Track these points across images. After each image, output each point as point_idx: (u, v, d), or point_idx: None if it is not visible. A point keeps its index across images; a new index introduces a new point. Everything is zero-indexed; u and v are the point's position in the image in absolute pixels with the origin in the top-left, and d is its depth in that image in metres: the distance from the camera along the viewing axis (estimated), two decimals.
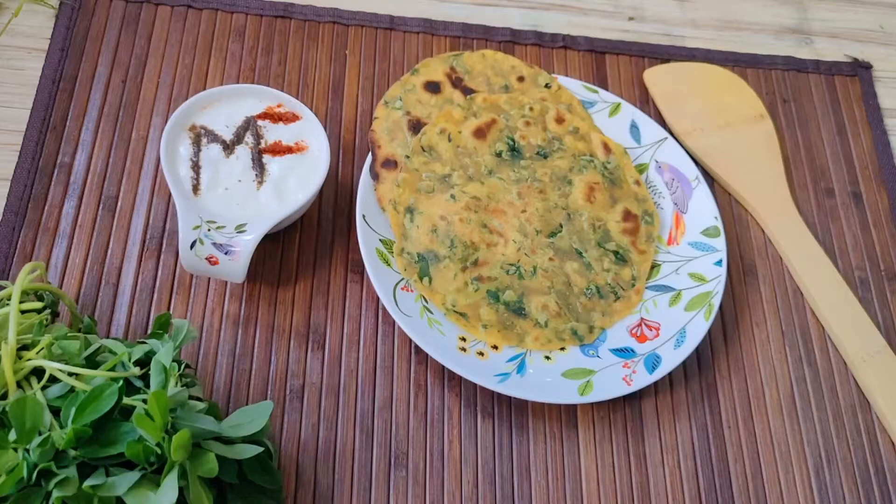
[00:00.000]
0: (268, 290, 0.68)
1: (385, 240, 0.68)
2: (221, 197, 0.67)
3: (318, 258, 0.70)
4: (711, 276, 0.71)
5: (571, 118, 0.79)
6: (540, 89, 0.79)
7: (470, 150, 0.73)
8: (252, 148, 0.69)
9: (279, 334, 0.66)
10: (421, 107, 0.74)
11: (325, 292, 0.69)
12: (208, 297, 0.69)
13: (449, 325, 0.66)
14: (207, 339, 0.66)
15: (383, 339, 0.68)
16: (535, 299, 0.68)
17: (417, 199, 0.70)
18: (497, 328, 0.67)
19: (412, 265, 0.67)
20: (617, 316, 0.70)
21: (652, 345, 0.68)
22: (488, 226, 0.70)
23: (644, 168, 0.77)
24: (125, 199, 0.71)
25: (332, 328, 0.68)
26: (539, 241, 0.71)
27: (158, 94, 0.76)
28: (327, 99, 0.77)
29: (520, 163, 0.74)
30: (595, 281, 0.70)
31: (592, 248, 0.71)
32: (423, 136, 0.72)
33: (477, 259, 0.68)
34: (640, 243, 0.73)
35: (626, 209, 0.73)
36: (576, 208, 0.72)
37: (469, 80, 0.76)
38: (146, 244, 0.68)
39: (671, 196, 0.75)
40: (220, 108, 0.71)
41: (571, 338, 0.68)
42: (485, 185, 0.71)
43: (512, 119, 0.75)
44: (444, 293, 0.67)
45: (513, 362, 0.66)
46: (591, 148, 0.78)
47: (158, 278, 0.67)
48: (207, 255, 0.64)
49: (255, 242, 0.65)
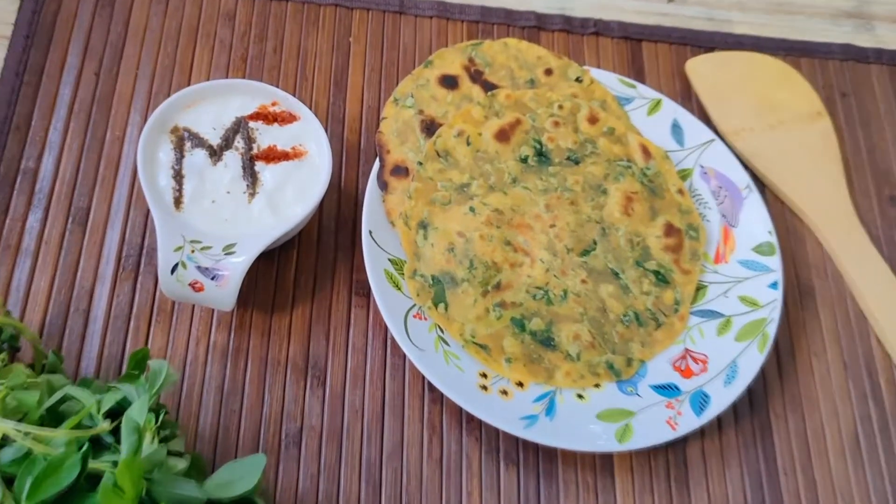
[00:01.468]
0: (260, 317, 0.61)
1: (395, 259, 0.61)
2: (207, 211, 0.59)
3: (318, 279, 0.64)
4: (765, 301, 0.63)
5: (606, 117, 0.70)
6: (570, 84, 0.70)
7: (491, 155, 0.65)
8: (243, 154, 0.61)
9: (273, 369, 0.60)
10: (435, 104, 0.66)
11: (325, 319, 0.62)
12: (192, 326, 0.61)
13: (468, 358, 0.60)
14: (191, 375, 0.59)
15: (392, 374, 0.61)
16: (566, 328, 0.61)
17: (431, 212, 0.62)
18: (522, 362, 0.60)
19: (426, 289, 0.60)
20: (658, 346, 0.63)
21: (698, 381, 0.61)
22: (512, 243, 0.61)
23: (687, 174, 0.68)
24: (98, 210, 0.65)
25: (333, 361, 0.61)
26: (570, 260, 0.63)
27: (137, 89, 0.69)
28: (328, 94, 0.69)
29: (548, 169, 0.65)
30: (633, 306, 0.62)
31: (630, 268, 0.63)
32: (437, 138, 0.66)
33: (499, 282, 0.60)
34: (683, 262, 0.65)
35: (668, 223, 0.65)
36: (611, 222, 0.64)
37: (490, 74, 0.68)
38: (122, 264, 0.61)
39: (718, 207, 0.67)
40: (206, 106, 0.63)
41: (607, 372, 0.61)
42: (508, 195, 0.63)
43: (539, 119, 0.66)
44: (463, 322, 0.61)
45: (540, 402, 0.59)
46: (628, 152, 0.69)
47: (136, 303, 0.60)
48: (191, 281, 0.56)
49: (247, 266, 0.57)
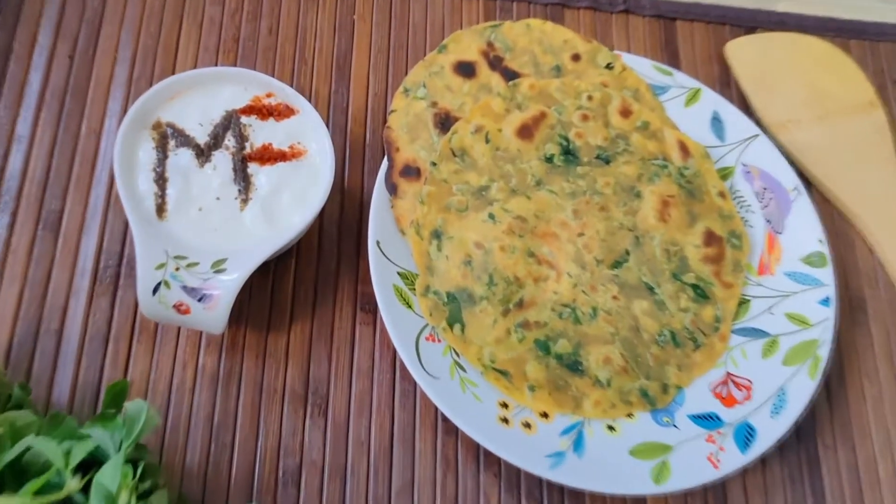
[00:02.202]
0: (255, 337, 0.57)
1: (405, 272, 0.55)
2: (194, 221, 0.53)
3: (319, 292, 0.59)
4: (816, 319, 0.58)
5: (640, 110, 0.63)
6: (599, 71, 0.63)
7: (513, 153, 0.60)
8: (234, 154, 0.54)
9: (269, 396, 0.55)
10: (450, 95, 0.60)
11: (327, 338, 0.57)
12: (179, 348, 0.55)
13: (486, 386, 0.55)
14: (177, 404, 0.52)
15: (402, 402, 0.56)
16: (595, 350, 0.56)
17: (446, 219, 0.57)
18: (547, 390, 0.55)
19: (439, 308, 0.55)
20: (697, 370, 0.58)
21: (742, 410, 0.56)
22: (536, 255, 0.55)
23: (728, 174, 0.62)
24: (72, 214, 0.59)
25: (336, 387, 0.57)
26: (600, 273, 0.57)
27: (116, 74, 0.64)
28: (330, 79, 0.63)
29: (575, 170, 0.58)
30: (669, 324, 0.56)
31: (666, 282, 0.57)
32: (453, 135, 0.60)
33: (522, 299, 0.54)
34: (725, 274, 0.59)
35: (708, 229, 0.59)
36: (645, 229, 0.57)
37: (511, 60, 0.61)
38: (99, 276, 0.56)
39: (762, 210, 0.61)
40: (192, 98, 0.56)
41: (640, 401, 0.56)
42: (532, 200, 0.57)
43: (566, 112, 0.60)
44: (481, 345, 0.56)
45: (567, 436, 0.54)
46: (663, 149, 0.62)
47: (114, 322, 0.55)
48: (176, 303, 0.50)
49: (239, 285, 0.51)
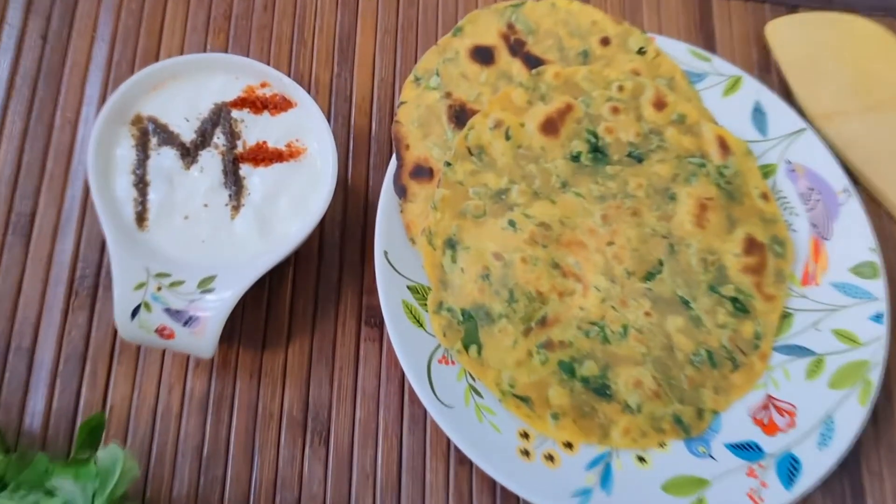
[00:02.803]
0: (249, 356, 0.53)
1: (415, 286, 0.53)
2: (179, 231, 0.50)
3: (319, 305, 0.55)
4: (866, 338, 0.54)
5: (675, 101, 0.58)
6: (631, 56, 0.58)
7: (536, 152, 0.57)
8: (224, 153, 0.50)
9: (265, 422, 0.52)
10: (466, 85, 0.58)
11: (329, 357, 0.54)
12: (164, 369, 0.52)
13: (505, 415, 0.51)
14: (163, 433, 0.50)
15: (411, 428, 0.53)
16: (625, 372, 0.53)
17: (462, 227, 0.54)
18: (572, 417, 0.52)
19: (454, 327, 0.52)
20: (735, 393, 0.54)
21: (785, 439, 0.52)
22: (561, 266, 0.51)
23: (770, 172, 0.58)
24: (45, 217, 0.56)
25: (339, 412, 0.53)
26: (631, 286, 0.53)
27: (94, 56, 0.60)
28: (332, 63, 0.61)
29: (605, 170, 0.54)
30: (706, 342, 0.54)
31: (703, 295, 0.54)
32: (469, 131, 0.56)
33: (545, 317, 0.52)
34: (766, 285, 0.56)
35: (749, 236, 0.55)
36: (681, 236, 0.54)
37: (534, 44, 0.58)
38: (75, 287, 0.54)
39: (808, 213, 0.59)
40: (177, 89, 0.52)
41: (673, 428, 0.53)
42: (556, 204, 0.55)
43: (594, 104, 0.56)
44: (500, 368, 0.52)
45: (594, 469, 0.51)
46: (701, 145, 0.57)
47: (92, 340, 0.54)
48: (158, 327, 0.45)
49: (230, 306, 0.47)
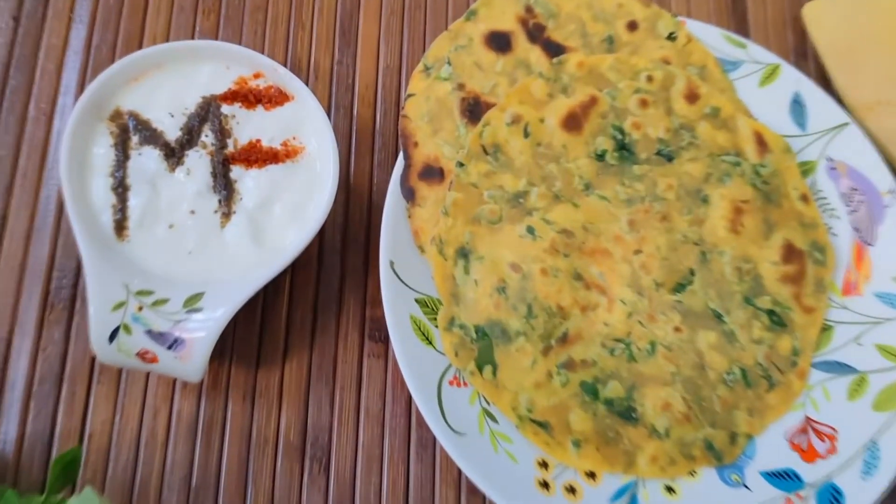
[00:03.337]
0: (242, 374, 0.50)
1: (424, 298, 0.50)
2: (163, 242, 0.46)
3: (319, 317, 0.52)
4: None
5: (708, 93, 0.53)
6: (660, 43, 0.54)
7: (557, 150, 0.53)
8: (213, 153, 0.46)
9: (259, 448, 0.49)
10: (481, 75, 0.54)
11: (329, 375, 0.51)
12: (148, 390, 0.48)
13: (523, 442, 0.48)
14: (147, 461, 0.47)
15: (419, 453, 0.50)
16: (652, 394, 0.50)
17: (475, 234, 0.50)
18: (594, 444, 0.49)
19: (467, 346, 0.49)
20: (770, 415, 0.51)
21: (825, 467, 0.48)
22: (584, 277, 0.47)
23: (809, 170, 0.54)
24: (17, 220, 0.53)
25: (340, 436, 0.49)
26: (660, 299, 0.49)
27: (70, 40, 0.57)
28: (332, 48, 0.58)
29: (632, 170, 0.51)
30: (740, 360, 0.51)
31: (737, 308, 0.51)
32: (484, 127, 0.52)
33: (566, 333, 0.49)
34: (805, 296, 0.53)
35: (788, 242, 0.52)
36: (714, 243, 0.51)
37: (554, 30, 0.55)
38: (50, 299, 0.51)
39: (849, 216, 0.55)
40: (161, 80, 0.47)
41: (704, 454, 0.49)
42: (579, 208, 0.52)
43: (620, 97, 0.53)
44: (517, 390, 0.48)
45: (619, 501, 0.48)
46: (736, 142, 0.53)
47: (70, 357, 0.51)
48: (139, 351, 0.41)
49: (220, 328, 0.43)
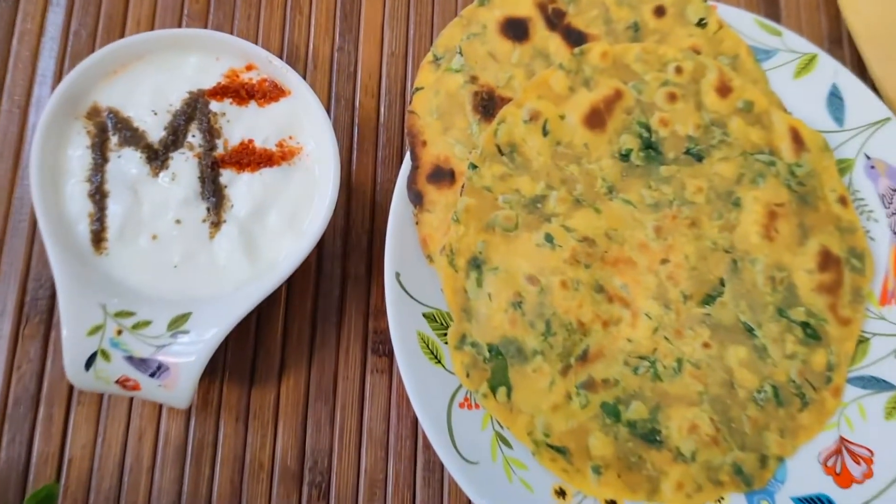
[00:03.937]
0: (235, 392, 0.47)
1: (432, 313, 0.46)
2: (145, 255, 0.42)
3: (318, 329, 0.49)
4: None
5: (741, 86, 0.48)
6: (690, 30, 0.49)
7: (578, 150, 0.49)
8: (200, 155, 0.41)
9: (253, 474, 0.46)
10: (495, 67, 0.49)
11: (329, 393, 0.48)
12: (133, 411, 0.44)
13: (538, 469, 0.45)
14: (132, 489, 0.43)
15: (426, 479, 0.47)
16: (678, 415, 0.47)
17: (489, 243, 0.46)
18: (616, 470, 0.46)
19: (479, 366, 0.45)
20: (803, 435, 0.48)
21: (862, 493, 0.45)
22: (606, 289, 0.44)
23: (846, 168, 0.50)
24: None
25: (341, 460, 0.46)
26: (688, 312, 0.46)
27: (47, 25, 0.53)
28: (333, 34, 0.54)
29: (659, 171, 0.47)
30: (772, 377, 0.49)
31: (769, 321, 0.48)
32: (499, 125, 0.48)
33: (587, 350, 0.46)
34: (842, 307, 0.50)
35: (824, 248, 0.49)
36: (745, 250, 0.48)
37: (576, 15, 0.51)
38: (25, 312, 0.48)
39: (889, 219, 0.52)
40: (143, 73, 0.42)
41: (733, 479, 0.46)
42: (602, 214, 0.48)
43: (647, 90, 0.49)
44: (533, 413, 0.45)
45: None
46: (771, 139, 0.49)
47: (47, 376, 0.48)
48: (119, 378, 0.37)
49: (209, 351, 0.38)
